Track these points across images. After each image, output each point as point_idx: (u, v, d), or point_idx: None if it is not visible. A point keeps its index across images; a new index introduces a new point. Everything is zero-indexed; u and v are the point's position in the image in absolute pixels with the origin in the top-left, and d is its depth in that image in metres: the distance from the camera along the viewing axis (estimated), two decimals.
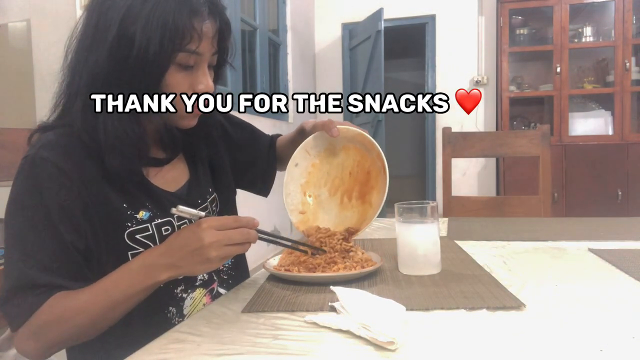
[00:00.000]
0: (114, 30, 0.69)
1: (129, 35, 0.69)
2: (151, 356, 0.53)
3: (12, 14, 2.12)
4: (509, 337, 0.54)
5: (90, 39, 0.72)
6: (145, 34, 0.69)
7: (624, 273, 0.79)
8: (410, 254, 0.81)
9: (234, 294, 0.74)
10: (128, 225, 0.75)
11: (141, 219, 0.76)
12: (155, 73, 0.71)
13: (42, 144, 0.71)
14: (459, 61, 4.80)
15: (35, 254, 0.68)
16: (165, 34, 0.69)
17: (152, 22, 0.69)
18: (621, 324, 0.57)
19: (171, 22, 0.69)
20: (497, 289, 0.70)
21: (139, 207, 0.76)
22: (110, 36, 0.69)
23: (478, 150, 1.78)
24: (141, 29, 0.69)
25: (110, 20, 0.70)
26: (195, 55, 0.73)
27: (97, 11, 0.72)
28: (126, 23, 0.69)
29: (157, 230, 0.78)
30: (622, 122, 4.01)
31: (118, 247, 0.74)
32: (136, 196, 0.77)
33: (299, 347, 0.53)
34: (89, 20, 0.73)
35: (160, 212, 0.79)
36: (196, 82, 0.75)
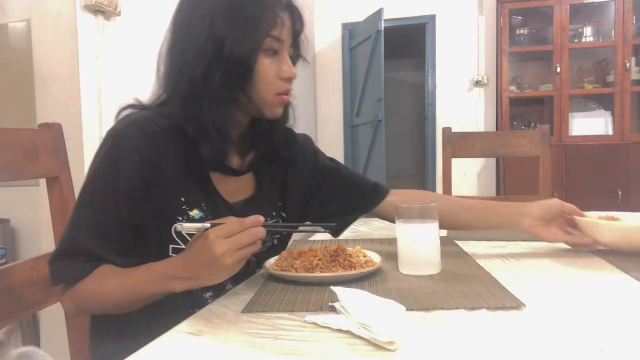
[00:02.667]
0: (206, 28, 0.77)
1: (219, 35, 0.76)
2: (151, 356, 0.53)
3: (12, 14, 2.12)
4: (509, 337, 0.54)
5: (181, 40, 0.80)
6: (235, 31, 0.76)
7: (624, 273, 0.79)
8: (410, 254, 0.81)
9: (234, 294, 0.74)
10: (179, 219, 0.78)
11: (193, 217, 0.80)
12: (250, 63, 0.78)
13: (130, 120, 0.78)
14: (459, 61, 4.80)
15: (96, 224, 0.74)
16: (255, 25, 0.77)
17: (240, 18, 0.77)
18: (621, 324, 0.57)
19: (258, 13, 0.77)
20: (497, 289, 0.70)
21: (194, 205, 0.80)
22: (203, 34, 0.77)
23: (478, 150, 1.78)
24: (231, 27, 0.76)
25: (201, 20, 0.78)
26: (278, 41, 0.80)
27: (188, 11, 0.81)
28: (214, 26, 0.77)
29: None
30: (622, 122, 4.00)
31: (164, 237, 0.78)
32: (196, 194, 0.81)
33: (299, 347, 0.53)
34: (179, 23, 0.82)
35: (212, 216, 0.81)
36: (280, 68, 0.81)
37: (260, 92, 0.81)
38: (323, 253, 0.81)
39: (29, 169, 0.90)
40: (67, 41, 1.92)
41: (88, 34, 1.96)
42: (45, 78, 1.96)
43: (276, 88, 0.82)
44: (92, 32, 1.99)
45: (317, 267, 0.78)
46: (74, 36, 1.91)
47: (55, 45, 1.94)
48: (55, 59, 1.94)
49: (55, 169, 0.94)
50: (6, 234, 2.14)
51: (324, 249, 0.82)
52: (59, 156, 0.95)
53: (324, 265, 0.78)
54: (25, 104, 2.04)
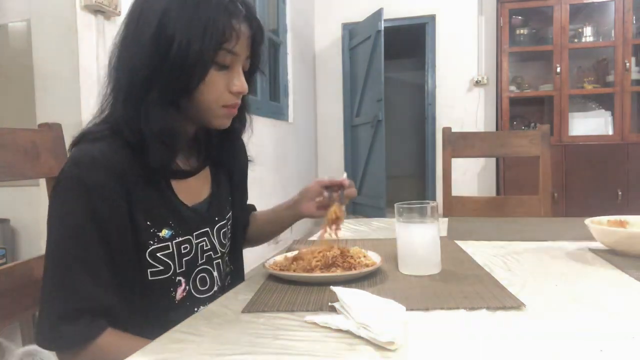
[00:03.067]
0: (153, 27, 0.72)
1: (168, 34, 0.71)
2: (151, 356, 0.53)
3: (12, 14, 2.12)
4: (509, 337, 0.54)
5: (130, 38, 0.75)
6: (185, 33, 0.71)
7: (624, 273, 0.79)
8: (410, 254, 0.81)
9: (234, 294, 0.74)
10: (150, 243, 0.75)
11: (163, 237, 0.77)
12: (198, 71, 0.73)
13: (81, 158, 0.72)
14: (459, 61, 4.80)
15: (101, 273, 0.70)
16: (207, 32, 0.71)
17: (193, 21, 0.71)
18: (621, 324, 0.57)
19: (212, 21, 0.72)
20: (497, 289, 0.70)
21: (162, 226, 0.77)
22: (148, 33, 0.72)
23: (478, 150, 1.78)
24: (181, 27, 0.71)
25: (148, 20, 0.72)
26: (231, 55, 0.75)
27: (137, 13, 0.75)
28: (164, 22, 0.71)
29: (177, 248, 0.79)
30: (622, 122, 4.00)
31: (139, 264, 0.75)
32: (160, 214, 0.77)
33: (298, 347, 0.53)
34: (129, 22, 0.76)
35: (182, 230, 0.80)
36: (231, 82, 0.77)
37: (206, 102, 0.77)
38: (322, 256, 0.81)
39: (29, 169, 0.90)
40: (67, 41, 1.92)
41: (88, 34, 1.96)
42: (45, 78, 1.96)
43: (224, 100, 0.78)
44: (92, 32, 1.99)
45: (317, 267, 0.78)
46: (74, 36, 1.91)
47: (55, 45, 1.94)
48: (55, 59, 1.94)
49: (55, 169, 0.94)
50: (6, 234, 2.14)
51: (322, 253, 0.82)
52: (59, 156, 0.95)
53: (323, 266, 0.78)
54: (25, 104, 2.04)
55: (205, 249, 0.85)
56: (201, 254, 0.84)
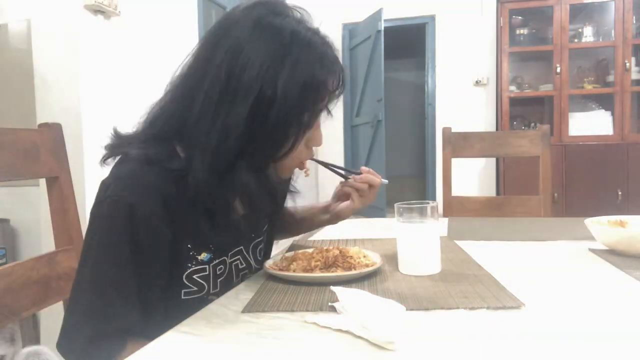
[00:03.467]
0: (255, 90, 0.66)
1: (268, 96, 0.66)
2: (151, 356, 0.53)
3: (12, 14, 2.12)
4: (509, 337, 0.54)
5: (217, 90, 0.68)
6: (286, 95, 0.66)
7: (624, 273, 0.79)
8: (410, 254, 0.81)
9: (234, 294, 0.74)
10: (189, 266, 0.74)
11: (202, 260, 0.75)
12: (294, 135, 0.70)
13: (132, 181, 0.68)
14: (459, 61, 4.80)
15: (133, 298, 0.68)
16: (307, 94, 0.68)
17: (294, 81, 0.67)
18: (621, 324, 0.57)
19: (314, 82, 0.68)
20: (497, 289, 0.70)
21: (201, 249, 0.75)
22: (250, 96, 0.66)
23: (478, 150, 1.78)
24: (282, 89, 0.66)
25: (248, 78, 0.66)
26: (319, 113, 0.73)
27: (227, 60, 0.68)
28: (266, 82, 0.66)
29: (213, 270, 0.77)
30: (622, 122, 4.01)
31: (174, 284, 0.74)
32: (201, 238, 0.75)
33: (299, 347, 0.53)
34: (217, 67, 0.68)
35: (220, 252, 0.78)
36: (311, 137, 0.76)
37: (288, 162, 0.75)
38: (321, 257, 0.81)
39: (29, 169, 0.90)
40: (67, 41, 1.92)
41: (88, 34, 1.96)
42: (45, 78, 1.96)
43: (303, 156, 0.76)
44: (92, 32, 1.99)
45: (317, 267, 0.78)
46: (74, 36, 1.91)
47: (55, 45, 1.94)
48: (55, 59, 1.94)
49: (55, 169, 0.94)
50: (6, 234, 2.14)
51: (322, 254, 0.82)
52: (59, 156, 0.95)
53: (323, 266, 0.78)
54: (25, 104, 2.04)
55: (241, 267, 0.84)
56: (236, 272, 0.83)
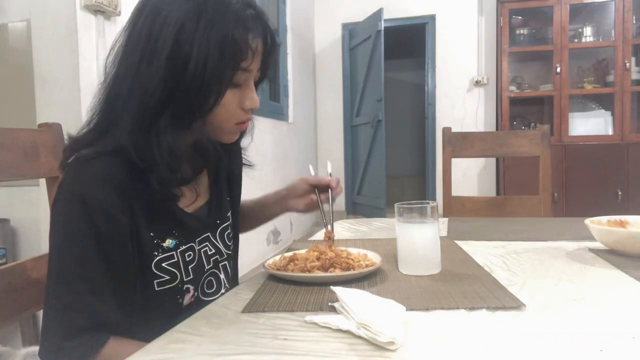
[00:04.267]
0: (169, 46, 0.67)
1: (184, 52, 0.67)
2: (151, 356, 0.53)
3: (12, 14, 2.12)
4: (509, 337, 0.54)
5: (139, 54, 0.69)
6: (202, 52, 0.67)
7: (624, 273, 0.79)
8: (410, 254, 0.81)
9: (234, 294, 0.74)
10: (155, 254, 0.74)
11: (167, 247, 0.76)
12: (214, 94, 0.70)
13: (81, 175, 0.69)
14: (459, 61, 4.80)
15: (102, 289, 0.68)
16: (225, 52, 0.68)
17: (210, 38, 0.67)
18: (621, 324, 0.57)
19: (230, 39, 0.68)
20: (497, 289, 0.70)
21: (165, 236, 0.76)
22: (164, 53, 0.67)
23: (478, 150, 1.78)
24: (198, 46, 0.67)
25: (163, 36, 0.67)
26: (246, 72, 0.73)
27: (147, 24, 0.69)
28: (181, 39, 0.67)
29: (182, 257, 0.78)
30: (622, 122, 4.01)
31: (145, 276, 0.74)
32: (163, 224, 0.76)
33: (298, 347, 0.53)
34: (137, 33, 0.70)
35: (185, 238, 0.79)
36: (244, 99, 0.76)
37: (219, 121, 0.75)
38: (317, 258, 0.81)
39: (29, 169, 0.90)
40: (67, 41, 1.92)
41: (88, 34, 1.96)
42: (45, 78, 1.96)
43: (237, 118, 0.76)
44: (92, 32, 1.99)
45: (315, 268, 0.78)
46: (74, 36, 1.91)
47: (55, 45, 1.94)
48: (55, 59, 1.94)
49: (55, 169, 0.94)
50: (6, 234, 2.14)
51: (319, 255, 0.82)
52: (59, 156, 0.95)
53: (322, 267, 0.78)
54: (25, 104, 2.04)
55: (210, 253, 0.84)
56: (206, 259, 0.83)
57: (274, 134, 3.91)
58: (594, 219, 0.98)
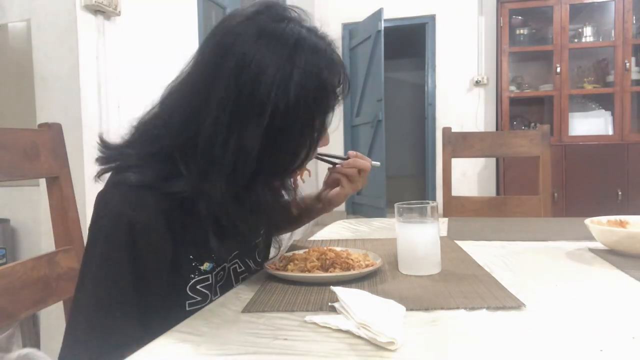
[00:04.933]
0: (269, 105, 0.65)
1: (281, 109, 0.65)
2: (151, 356, 0.53)
3: (12, 14, 2.12)
4: (509, 337, 0.54)
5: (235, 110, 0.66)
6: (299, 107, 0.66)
7: (624, 273, 0.79)
8: (410, 254, 0.81)
9: (234, 294, 0.74)
10: (192, 277, 0.74)
11: (204, 270, 0.76)
12: (312, 144, 0.72)
13: (131, 200, 0.67)
14: (459, 61, 4.80)
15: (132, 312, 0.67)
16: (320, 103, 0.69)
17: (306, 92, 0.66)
18: (621, 324, 0.57)
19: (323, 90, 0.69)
20: (497, 289, 0.70)
21: (204, 259, 0.75)
22: (265, 112, 0.65)
23: (478, 150, 1.78)
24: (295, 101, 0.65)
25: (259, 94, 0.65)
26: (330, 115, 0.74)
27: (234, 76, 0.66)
28: (278, 96, 0.65)
29: (215, 278, 0.78)
30: (622, 122, 4.01)
31: (178, 297, 0.73)
32: (203, 248, 0.74)
33: (298, 347, 0.53)
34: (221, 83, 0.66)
35: (221, 260, 0.78)
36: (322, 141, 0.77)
37: None
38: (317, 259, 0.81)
39: (29, 169, 0.90)
40: (67, 41, 1.92)
41: (88, 34, 1.96)
42: (45, 78, 1.96)
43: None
44: (92, 32, 1.99)
45: (314, 268, 0.78)
46: (74, 36, 1.91)
47: (55, 45, 1.94)
48: (55, 59, 1.94)
49: (55, 169, 0.94)
50: (6, 234, 2.14)
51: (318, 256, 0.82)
52: (59, 156, 0.95)
53: (321, 267, 0.78)
54: (25, 104, 2.04)
55: (239, 271, 0.84)
56: (235, 277, 0.83)
57: None
58: (594, 219, 0.98)
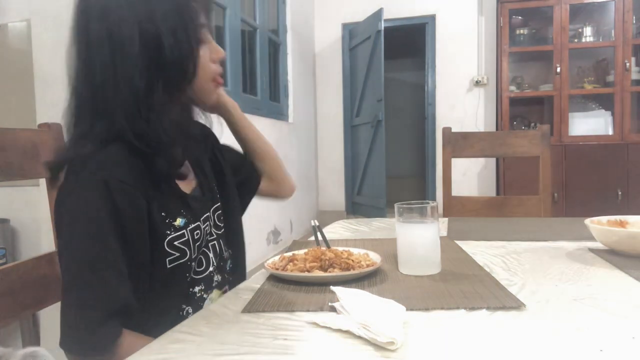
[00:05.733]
0: (136, 35, 0.72)
1: (152, 34, 0.72)
2: (151, 356, 0.53)
3: (12, 14, 2.12)
4: (509, 337, 0.54)
5: (108, 52, 0.72)
6: (169, 27, 0.73)
7: (624, 273, 0.79)
8: (410, 254, 0.81)
9: (234, 294, 0.74)
10: (167, 233, 0.76)
11: (178, 226, 0.78)
12: (192, 58, 0.76)
13: (97, 161, 0.70)
14: (459, 61, 4.80)
15: (123, 272, 0.69)
16: (184, 16, 0.74)
17: (169, 13, 0.73)
18: (621, 324, 0.57)
19: (185, 5, 0.75)
20: (497, 289, 0.70)
21: (175, 215, 0.78)
22: (134, 44, 0.71)
23: (478, 150, 1.78)
24: (162, 22, 0.72)
25: (125, 28, 0.72)
26: (204, 27, 0.78)
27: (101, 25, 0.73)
28: (143, 24, 0.72)
29: (191, 235, 0.79)
30: (622, 122, 4.01)
31: (158, 254, 0.75)
32: (172, 204, 0.78)
33: (299, 347, 0.53)
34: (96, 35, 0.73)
35: (192, 217, 0.81)
36: (210, 52, 0.80)
37: (200, 82, 0.79)
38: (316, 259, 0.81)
39: (29, 169, 0.90)
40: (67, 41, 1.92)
41: None
42: (45, 78, 1.96)
43: (212, 73, 0.82)
44: None
45: (313, 269, 0.78)
46: None
47: (55, 45, 1.94)
48: (55, 59, 1.94)
49: None
50: (6, 234, 2.14)
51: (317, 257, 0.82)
52: None
53: (321, 267, 0.78)
54: (25, 104, 2.04)
55: (208, 232, 0.87)
56: (205, 237, 0.85)
57: (274, 134, 3.91)
58: (594, 219, 0.98)
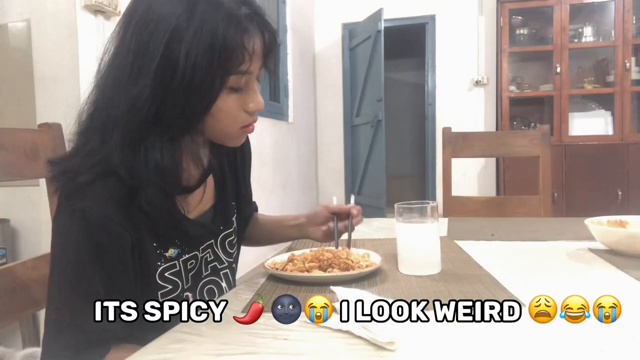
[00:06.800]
0: (157, 56, 0.64)
1: (173, 60, 0.64)
2: (151, 356, 0.53)
3: (12, 14, 2.12)
4: (508, 337, 0.54)
5: (128, 68, 0.66)
6: (191, 58, 0.64)
7: (624, 273, 0.79)
8: (410, 254, 0.81)
9: (234, 294, 0.74)
10: (158, 264, 0.73)
11: (170, 257, 0.74)
12: (205, 99, 0.67)
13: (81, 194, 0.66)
14: (459, 61, 4.80)
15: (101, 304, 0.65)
16: (215, 56, 0.65)
17: (198, 44, 0.64)
18: (621, 324, 0.57)
19: (221, 43, 0.64)
20: (497, 289, 0.70)
21: (168, 245, 0.74)
22: (153, 64, 0.64)
23: (478, 150, 1.78)
24: (186, 52, 0.63)
25: (152, 47, 0.65)
26: (246, 75, 0.69)
27: (135, 36, 0.66)
28: (170, 46, 0.64)
29: (184, 266, 0.76)
30: (622, 122, 4.00)
31: (150, 287, 0.72)
32: (166, 234, 0.73)
33: (299, 347, 0.53)
34: (126, 45, 0.67)
35: (188, 247, 0.77)
36: (247, 101, 0.72)
37: (225, 127, 0.72)
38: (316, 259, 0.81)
39: (29, 169, 0.90)
40: (67, 41, 1.92)
41: (88, 34, 1.96)
42: (45, 78, 1.96)
43: (242, 122, 0.73)
44: (92, 32, 1.98)
45: (312, 269, 0.78)
46: (74, 36, 1.91)
47: (55, 45, 1.94)
48: (55, 59, 1.94)
49: None
50: (6, 234, 2.14)
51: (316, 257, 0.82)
52: None
53: (320, 267, 0.78)
54: (25, 104, 2.04)
55: (209, 260, 0.83)
56: (205, 265, 0.82)
57: (274, 134, 3.91)
58: (594, 219, 0.98)
